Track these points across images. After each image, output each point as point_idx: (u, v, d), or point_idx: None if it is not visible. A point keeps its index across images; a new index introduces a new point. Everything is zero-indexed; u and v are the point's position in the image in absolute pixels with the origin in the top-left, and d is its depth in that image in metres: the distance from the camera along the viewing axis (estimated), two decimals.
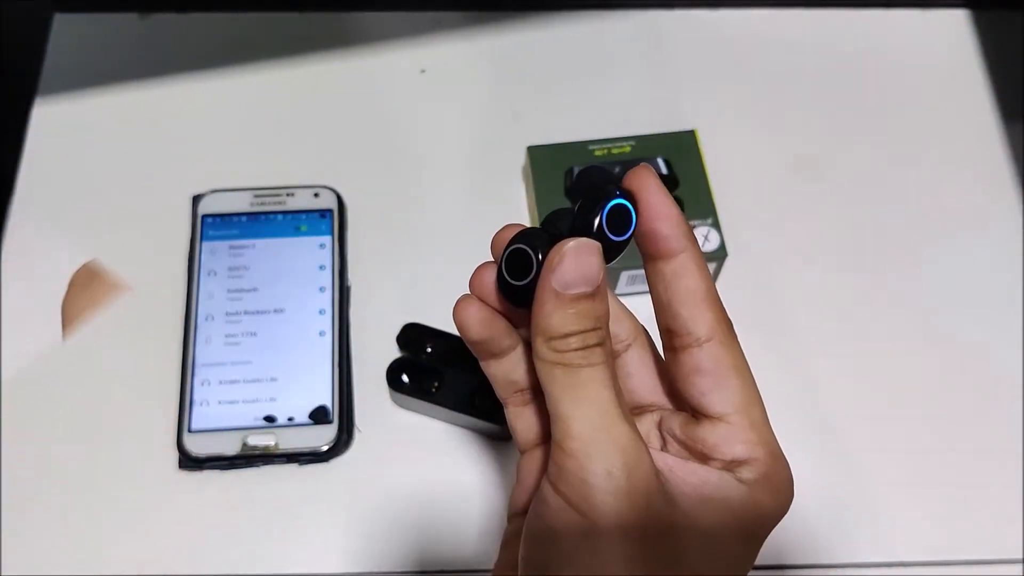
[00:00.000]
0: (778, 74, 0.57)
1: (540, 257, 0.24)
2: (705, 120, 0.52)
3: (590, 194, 0.25)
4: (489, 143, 0.54)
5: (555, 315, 0.24)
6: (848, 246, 0.51)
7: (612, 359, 0.25)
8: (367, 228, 0.51)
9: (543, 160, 0.49)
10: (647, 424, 0.28)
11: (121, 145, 0.53)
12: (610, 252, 0.25)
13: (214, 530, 0.43)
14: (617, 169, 0.49)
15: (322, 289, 0.48)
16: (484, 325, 0.27)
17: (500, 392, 0.29)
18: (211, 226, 0.49)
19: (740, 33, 0.58)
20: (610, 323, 0.26)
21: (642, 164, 0.26)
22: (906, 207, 0.52)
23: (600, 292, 0.24)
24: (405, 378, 0.45)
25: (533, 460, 0.28)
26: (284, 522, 0.44)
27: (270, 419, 0.45)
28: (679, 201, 0.48)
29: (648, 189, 0.25)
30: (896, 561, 0.44)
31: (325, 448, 0.44)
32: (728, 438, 0.25)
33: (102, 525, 0.43)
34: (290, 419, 0.45)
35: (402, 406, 0.46)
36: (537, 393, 0.28)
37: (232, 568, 0.43)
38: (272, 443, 0.44)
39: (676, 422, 0.27)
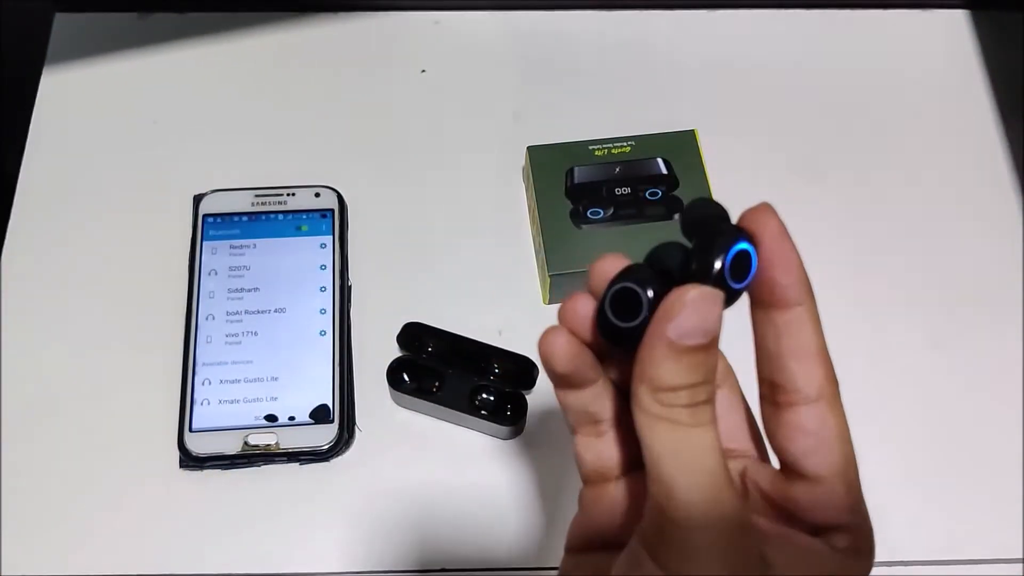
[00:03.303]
0: (778, 74, 0.57)
1: (651, 299, 0.23)
2: (705, 120, 0.52)
3: (707, 232, 0.23)
4: (489, 143, 0.54)
5: (665, 365, 0.22)
6: (848, 246, 0.51)
7: (714, 403, 0.23)
8: (368, 228, 0.51)
9: (543, 160, 0.49)
10: (731, 472, 0.26)
11: (122, 145, 0.53)
12: (730, 298, 0.23)
13: (215, 529, 0.43)
14: (617, 169, 0.49)
15: (323, 289, 0.48)
16: (572, 359, 0.25)
17: (571, 420, 0.27)
18: (212, 226, 0.49)
19: (740, 33, 0.58)
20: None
21: (763, 204, 0.25)
22: (906, 207, 0.53)
23: (715, 345, 0.23)
24: (406, 377, 0.45)
25: (601, 495, 0.27)
26: (284, 522, 0.44)
27: (271, 418, 0.45)
28: (679, 201, 0.48)
29: (771, 234, 0.24)
30: (896, 560, 0.44)
31: (326, 447, 0.44)
32: (823, 502, 0.24)
33: (102, 525, 0.43)
34: (291, 418, 0.45)
35: (403, 405, 0.46)
36: (617, 427, 0.27)
37: (232, 568, 0.43)
38: (273, 442, 0.44)
39: (764, 475, 0.26)
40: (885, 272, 0.51)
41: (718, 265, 0.23)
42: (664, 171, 0.49)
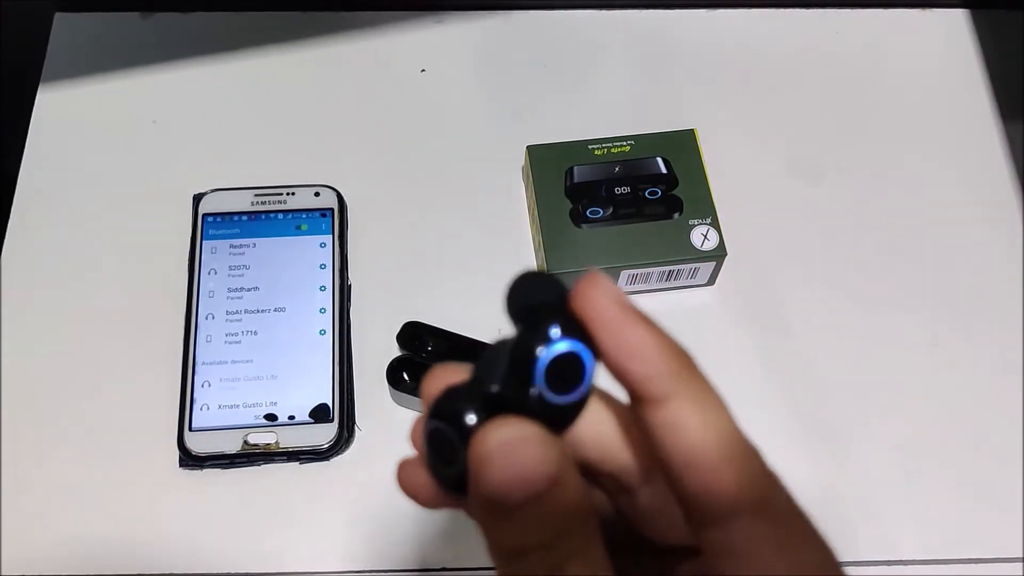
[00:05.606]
0: (777, 74, 0.57)
1: (468, 432, 0.18)
2: (705, 120, 0.52)
3: (522, 332, 0.18)
4: (489, 143, 0.54)
5: (500, 527, 0.17)
6: (847, 245, 0.51)
7: (600, 550, 0.18)
8: (367, 227, 0.51)
9: (543, 160, 0.49)
10: (686, 571, 0.22)
11: (122, 144, 0.53)
12: (562, 416, 0.18)
13: (215, 529, 0.43)
14: (617, 168, 0.49)
15: (323, 288, 0.48)
16: (436, 496, 0.20)
17: None
18: (212, 225, 0.49)
19: (740, 33, 0.58)
20: (615, 454, 0.21)
21: (590, 275, 0.18)
22: (905, 207, 0.53)
23: (561, 481, 0.17)
24: (406, 376, 0.45)
25: None
26: (284, 521, 0.44)
27: (271, 417, 0.45)
28: (678, 201, 0.48)
29: (604, 319, 0.18)
30: (896, 559, 0.44)
31: (326, 446, 0.44)
32: None
33: (102, 525, 0.43)
34: (291, 417, 0.45)
35: (403, 404, 0.46)
36: None
37: (232, 567, 0.43)
38: (273, 441, 0.44)
39: None
40: (885, 271, 0.51)
41: (531, 386, 0.18)
42: (663, 170, 0.49)
